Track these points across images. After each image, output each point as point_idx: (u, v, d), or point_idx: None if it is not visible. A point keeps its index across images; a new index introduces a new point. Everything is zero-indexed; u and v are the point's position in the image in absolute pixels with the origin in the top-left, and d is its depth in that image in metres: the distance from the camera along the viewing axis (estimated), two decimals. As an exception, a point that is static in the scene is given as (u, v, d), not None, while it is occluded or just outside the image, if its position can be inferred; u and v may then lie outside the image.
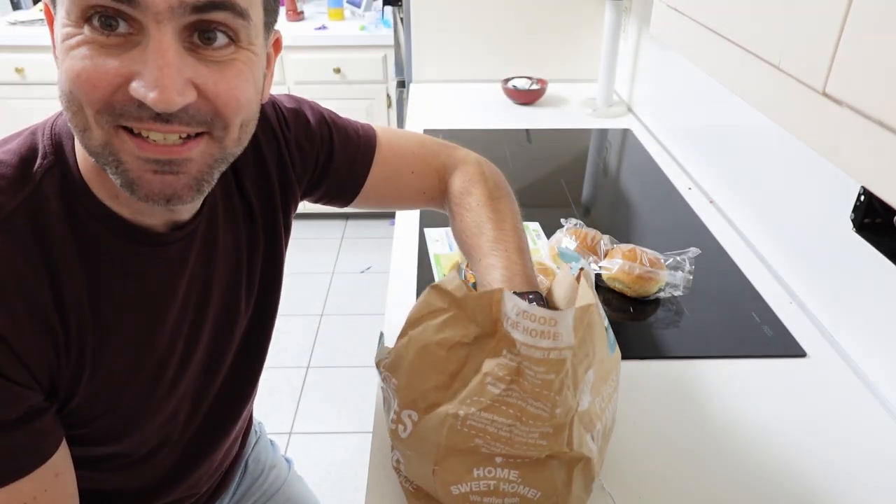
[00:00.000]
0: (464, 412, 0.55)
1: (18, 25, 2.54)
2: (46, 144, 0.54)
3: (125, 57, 0.45)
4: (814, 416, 0.80)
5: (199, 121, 0.48)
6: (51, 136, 0.54)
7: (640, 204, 1.34)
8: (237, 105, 0.50)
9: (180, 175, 0.49)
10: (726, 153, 1.29)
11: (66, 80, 0.46)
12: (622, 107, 1.85)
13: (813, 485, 0.71)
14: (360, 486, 1.71)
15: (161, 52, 0.44)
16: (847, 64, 0.45)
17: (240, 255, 0.68)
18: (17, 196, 0.51)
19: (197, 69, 0.47)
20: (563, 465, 0.57)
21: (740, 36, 0.61)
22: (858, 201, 0.85)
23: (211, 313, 0.65)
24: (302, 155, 0.73)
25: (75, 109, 0.47)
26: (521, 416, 0.54)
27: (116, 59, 0.45)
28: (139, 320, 0.58)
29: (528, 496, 0.58)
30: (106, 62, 0.45)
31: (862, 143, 0.43)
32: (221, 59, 0.48)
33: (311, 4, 2.90)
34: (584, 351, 0.56)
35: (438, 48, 2.01)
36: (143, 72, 0.44)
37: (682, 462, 0.74)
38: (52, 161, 0.53)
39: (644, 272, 0.98)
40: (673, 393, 0.84)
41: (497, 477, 0.58)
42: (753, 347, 0.92)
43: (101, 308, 0.54)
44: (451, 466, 0.57)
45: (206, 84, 0.47)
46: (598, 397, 0.60)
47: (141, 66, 0.45)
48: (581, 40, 2.00)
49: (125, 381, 0.59)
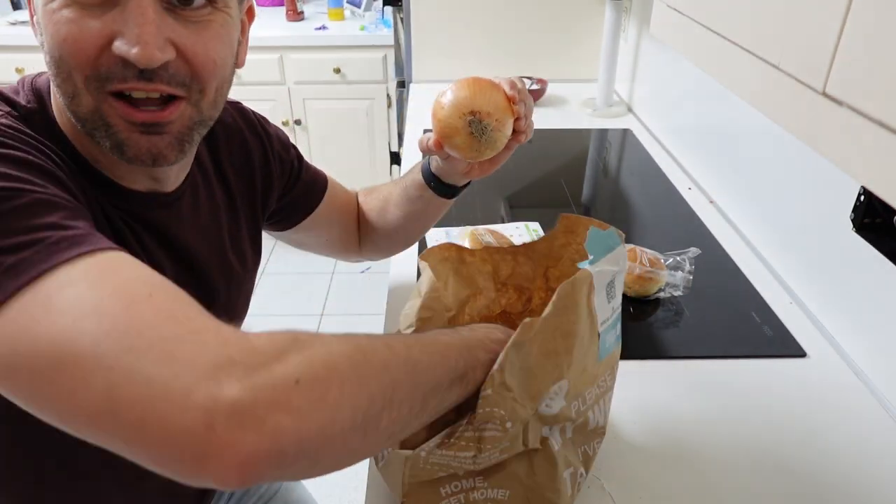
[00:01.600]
0: (424, 453, 0.54)
1: (18, 25, 2.54)
2: (27, 93, 0.55)
3: (106, 17, 0.47)
4: (814, 416, 0.80)
5: (178, 82, 0.51)
6: (31, 90, 0.55)
7: (640, 204, 1.34)
8: (213, 67, 0.53)
9: (164, 135, 0.52)
10: (726, 153, 1.29)
11: (53, 45, 0.48)
12: (622, 107, 1.85)
13: (813, 485, 0.71)
14: (359, 487, 1.71)
15: (141, 10, 0.47)
16: (847, 64, 0.45)
17: (221, 237, 0.70)
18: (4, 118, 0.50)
19: (175, 29, 0.50)
20: (521, 458, 0.58)
21: (740, 36, 0.61)
22: (858, 201, 0.85)
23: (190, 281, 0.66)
24: (281, 161, 0.80)
25: (64, 76, 0.49)
26: (479, 444, 0.53)
27: (98, 19, 0.47)
28: None
29: (499, 497, 0.59)
30: (89, 24, 0.47)
31: (862, 143, 0.43)
32: (198, 18, 0.51)
33: (311, 4, 2.90)
34: (553, 363, 0.55)
35: (438, 48, 2.01)
36: (125, 30, 0.47)
37: (682, 462, 0.74)
38: (35, 108, 0.54)
39: (644, 272, 0.98)
40: (673, 393, 0.84)
41: (464, 488, 0.58)
42: (753, 347, 0.92)
43: None
44: (419, 496, 0.58)
45: (184, 44, 0.50)
46: (577, 401, 0.60)
47: (122, 24, 0.47)
48: (581, 40, 2.00)
49: None
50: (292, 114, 2.61)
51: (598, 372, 0.62)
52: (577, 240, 0.70)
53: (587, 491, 0.70)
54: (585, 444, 0.65)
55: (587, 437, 0.65)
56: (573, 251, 0.70)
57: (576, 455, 0.63)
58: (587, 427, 0.64)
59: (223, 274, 0.71)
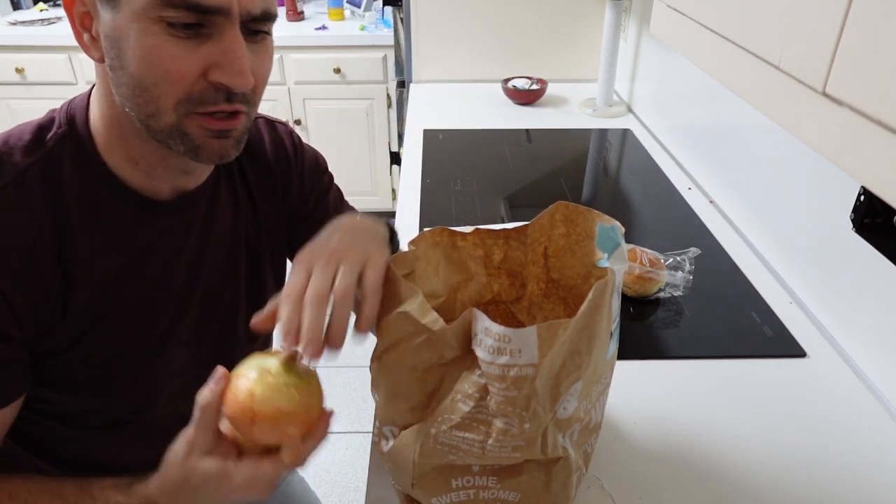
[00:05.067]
0: (435, 430, 0.54)
1: (18, 25, 2.54)
2: (62, 117, 0.62)
3: (202, 51, 0.54)
4: (814, 416, 0.80)
5: (245, 99, 0.58)
6: (66, 112, 0.62)
7: (640, 204, 1.34)
8: (265, 83, 0.62)
9: (229, 139, 0.60)
10: (726, 153, 1.29)
11: (143, 70, 0.53)
12: (622, 107, 1.85)
13: (813, 485, 0.71)
14: (360, 487, 1.71)
15: (237, 45, 0.55)
16: (847, 64, 0.45)
17: (238, 238, 0.74)
18: (30, 157, 0.58)
19: (249, 56, 0.57)
20: (540, 468, 0.57)
21: (740, 36, 0.61)
22: (858, 201, 0.85)
23: (200, 287, 0.71)
24: (308, 180, 0.83)
25: (150, 97, 0.55)
26: (489, 432, 0.53)
27: (195, 52, 0.54)
28: (136, 279, 0.64)
29: (509, 499, 0.59)
30: (186, 55, 0.53)
31: (862, 143, 0.43)
32: (258, 42, 0.59)
33: (311, 4, 2.90)
34: (576, 364, 0.54)
35: (438, 48, 2.01)
36: (223, 62, 0.54)
37: (682, 462, 0.74)
38: (66, 130, 0.61)
39: (644, 272, 0.98)
40: (673, 393, 0.84)
41: (476, 485, 0.58)
42: (753, 347, 0.92)
43: (102, 265, 0.61)
44: (428, 481, 0.58)
45: (254, 67, 0.58)
46: (586, 400, 0.59)
47: (219, 57, 0.54)
48: (581, 40, 2.00)
49: (118, 339, 0.64)
50: (292, 114, 2.61)
51: (604, 370, 0.62)
52: (577, 230, 0.69)
53: (587, 491, 0.70)
54: (586, 442, 0.65)
55: (587, 435, 0.65)
56: (573, 242, 0.70)
57: (580, 455, 0.63)
58: (589, 425, 0.64)
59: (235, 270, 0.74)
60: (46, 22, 2.60)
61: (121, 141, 0.61)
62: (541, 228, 0.71)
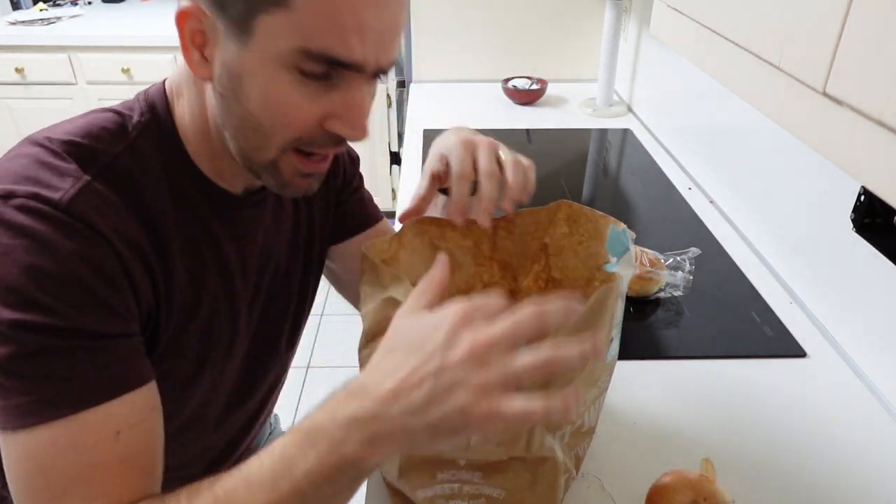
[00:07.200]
0: None
1: (18, 25, 2.54)
2: (143, 106, 0.60)
3: (325, 99, 0.53)
4: (814, 416, 0.80)
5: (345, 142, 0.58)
6: (145, 100, 0.60)
7: (640, 204, 1.34)
8: None
9: (316, 177, 0.60)
10: (726, 153, 1.29)
11: (264, 106, 0.52)
12: (622, 107, 1.85)
13: (813, 485, 0.71)
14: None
15: (363, 100, 0.55)
16: (847, 64, 0.45)
17: (298, 234, 0.75)
18: (118, 145, 0.56)
19: None
20: (526, 467, 0.57)
21: (740, 36, 0.61)
22: (858, 201, 0.85)
23: (266, 280, 0.71)
24: (349, 168, 0.83)
25: (259, 135, 0.54)
26: None
27: (316, 101, 0.52)
28: (220, 272, 0.64)
29: (494, 496, 0.59)
30: (309, 104, 0.52)
31: (862, 143, 0.43)
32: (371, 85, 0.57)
33: (311, 4, 2.89)
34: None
35: (438, 48, 2.01)
36: (344, 114, 0.54)
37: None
38: (149, 119, 0.59)
39: (644, 272, 0.98)
40: (673, 393, 0.84)
41: (461, 479, 0.58)
42: (753, 347, 0.92)
43: (187, 257, 0.60)
44: (414, 474, 0.58)
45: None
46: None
47: (341, 109, 0.53)
48: (581, 40, 2.00)
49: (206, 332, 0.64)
50: (292, 114, 2.61)
51: (600, 374, 0.62)
52: (580, 231, 0.69)
53: (587, 491, 0.70)
54: (577, 446, 0.65)
55: (579, 438, 0.64)
56: (576, 242, 0.69)
57: (570, 458, 0.63)
58: (581, 429, 0.63)
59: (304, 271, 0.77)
60: (46, 22, 2.60)
61: (207, 147, 0.60)
62: (537, 223, 0.71)
